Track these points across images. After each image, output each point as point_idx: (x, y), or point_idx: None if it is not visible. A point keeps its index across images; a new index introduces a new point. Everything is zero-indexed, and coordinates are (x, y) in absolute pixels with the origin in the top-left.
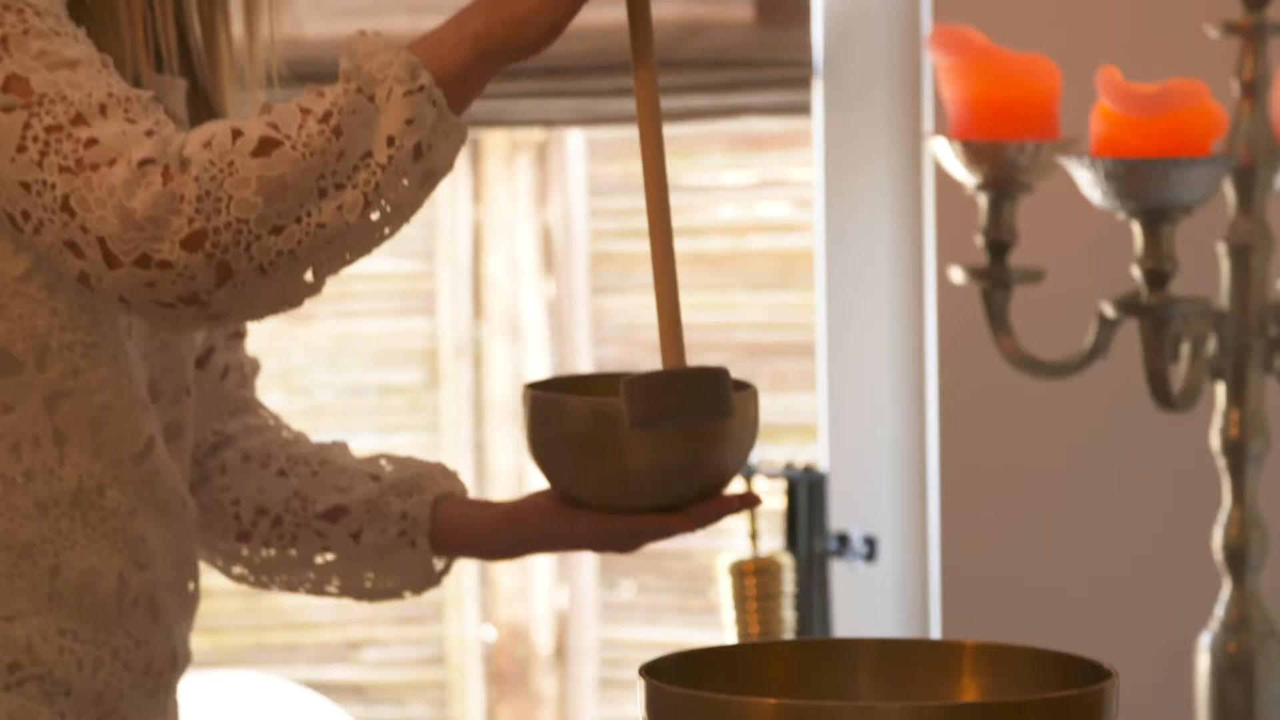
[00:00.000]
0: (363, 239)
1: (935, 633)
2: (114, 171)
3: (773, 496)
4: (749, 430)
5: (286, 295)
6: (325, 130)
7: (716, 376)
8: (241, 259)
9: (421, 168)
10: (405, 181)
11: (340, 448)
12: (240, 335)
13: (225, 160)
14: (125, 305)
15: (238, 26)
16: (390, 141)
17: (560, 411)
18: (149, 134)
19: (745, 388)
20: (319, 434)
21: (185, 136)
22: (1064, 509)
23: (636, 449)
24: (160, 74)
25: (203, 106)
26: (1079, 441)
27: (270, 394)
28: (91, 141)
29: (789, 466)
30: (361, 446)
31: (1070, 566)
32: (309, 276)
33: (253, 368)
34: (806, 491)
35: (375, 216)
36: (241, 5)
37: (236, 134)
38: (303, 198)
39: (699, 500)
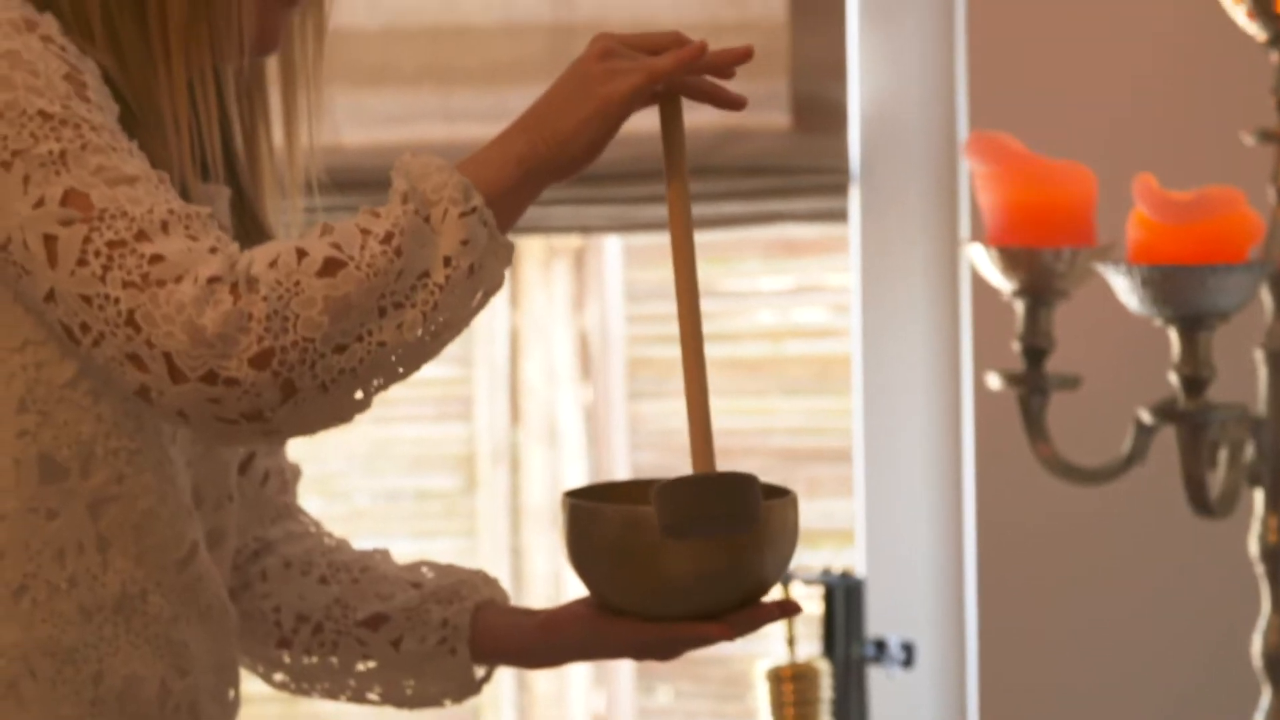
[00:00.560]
0: (417, 356)
1: None
2: (182, 288)
3: (810, 602)
4: (789, 537)
5: (342, 412)
6: (388, 251)
7: (746, 482)
8: (306, 377)
9: (474, 286)
10: (460, 299)
11: (382, 555)
12: None
13: (292, 280)
14: (183, 419)
15: (278, 134)
16: (447, 262)
17: (598, 520)
18: (213, 251)
19: (785, 494)
20: (356, 539)
21: (250, 255)
22: (1102, 615)
23: (675, 557)
24: (206, 183)
25: (245, 214)
26: (1117, 548)
27: (308, 499)
28: (157, 258)
29: (826, 572)
30: (398, 552)
31: (1109, 673)
32: (360, 395)
33: (294, 474)
34: (844, 597)
35: (431, 334)
36: (281, 113)
37: (301, 254)
38: (365, 317)
39: (738, 608)
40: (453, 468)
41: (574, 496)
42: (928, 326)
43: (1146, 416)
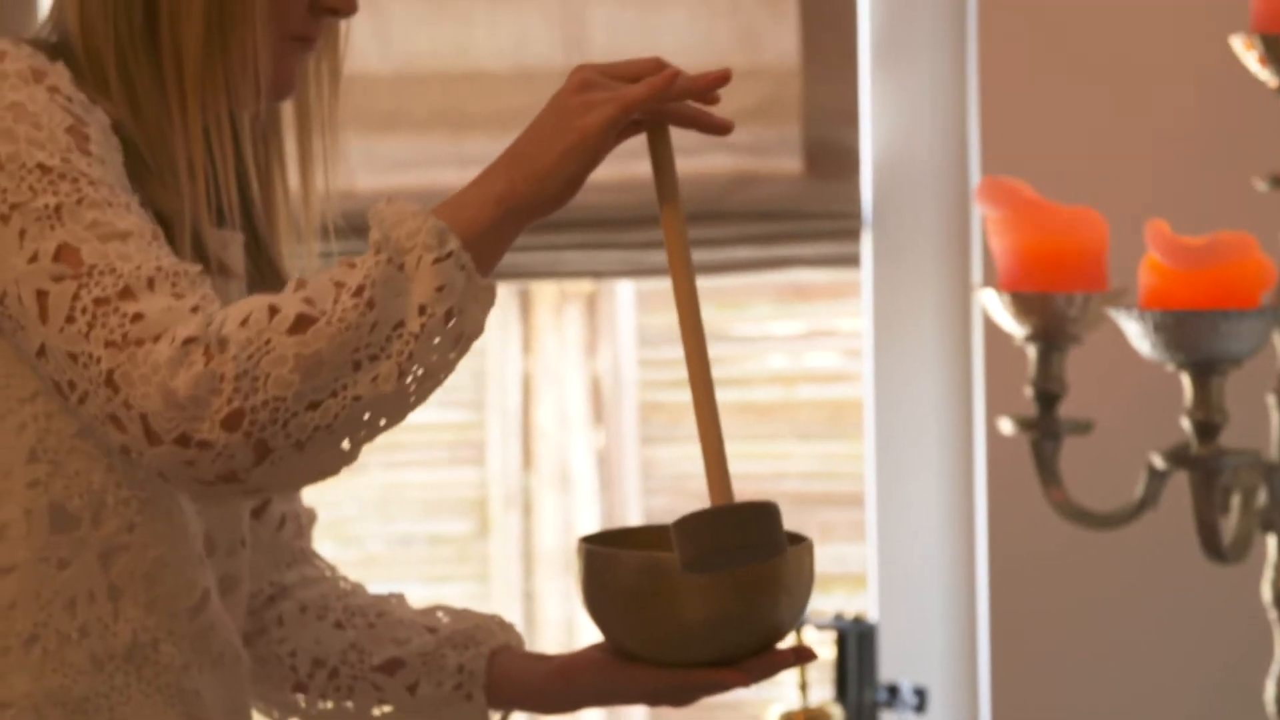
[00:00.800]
0: (397, 406)
1: None
2: (158, 349)
3: (823, 647)
4: (804, 584)
5: (323, 467)
6: (359, 304)
7: (767, 511)
8: (279, 436)
9: (453, 332)
10: (437, 348)
11: (398, 599)
12: None
13: (262, 339)
14: (164, 479)
15: (294, 178)
16: (422, 310)
17: (614, 565)
18: (194, 310)
19: (801, 541)
20: (369, 584)
21: (225, 314)
22: (1115, 660)
23: (691, 603)
24: (221, 228)
25: (262, 258)
26: (1129, 593)
27: (321, 544)
28: (138, 317)
29: (839, 617)
30: (411, 596)
31: (1121, 719)
32: (345, 446)
33: (309, 518)
34: (856, 642)
35: (409, 384)
36: (297, 158)
37: (273, 311)
38: (338, 372)
39: (754, 654)
40: (465, 512)
41: (590, 542)
42: (940, 371)
43: (1159, 461)
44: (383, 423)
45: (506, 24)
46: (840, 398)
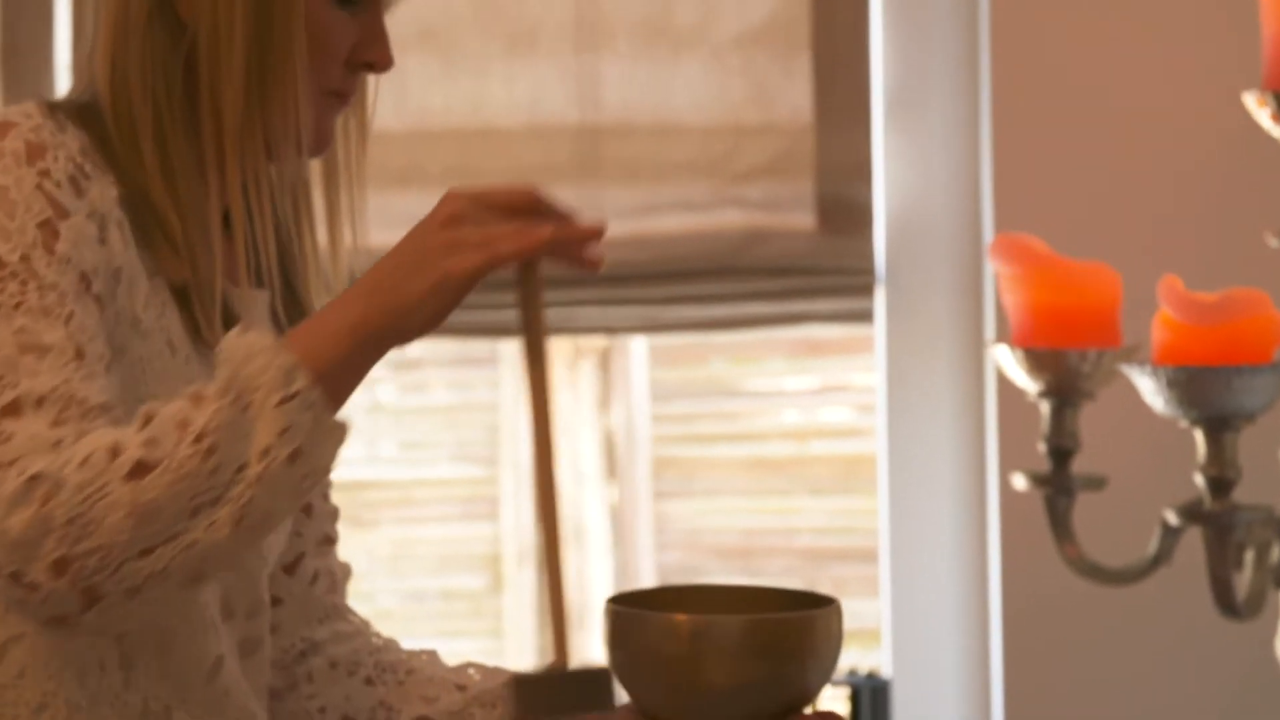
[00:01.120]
0: (234, 549)
1: None
2: (7, 479)
3: (837, 703)
4: (833, 647)
5: (160, 608)
6: (199, 451)
7: (601, 676)
8: (108, 584)
9: (298, 471)
10: (280, 490)
11: (430, 655)
12: (331, 541)
13: (99, 483)
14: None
15: (321, 234)
16: (265, 454)
17: (641, 627)
18: (56, 444)
19: (829, 603)
20: None
21: (72, 451)
22: (1128, 715)
23: (716, 667)
24: (257, 288)
25: (296, 315)
26: (1143, 648)
27: None
28: (7, 437)
29: (852, 673)
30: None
31: None
32: (181, 587)
33: (344, 573)
34: (870, 698)
35: (247, 526)
36: (324, 214)
37: (114, 454)
38: (175, 519)
39: (780, 718)
40: (479, 568)
41: (616, 603)
42: (953, 427)
43: (1172, 517)
44: (220, 564)
45: (521, 80)
46: (853, 453)
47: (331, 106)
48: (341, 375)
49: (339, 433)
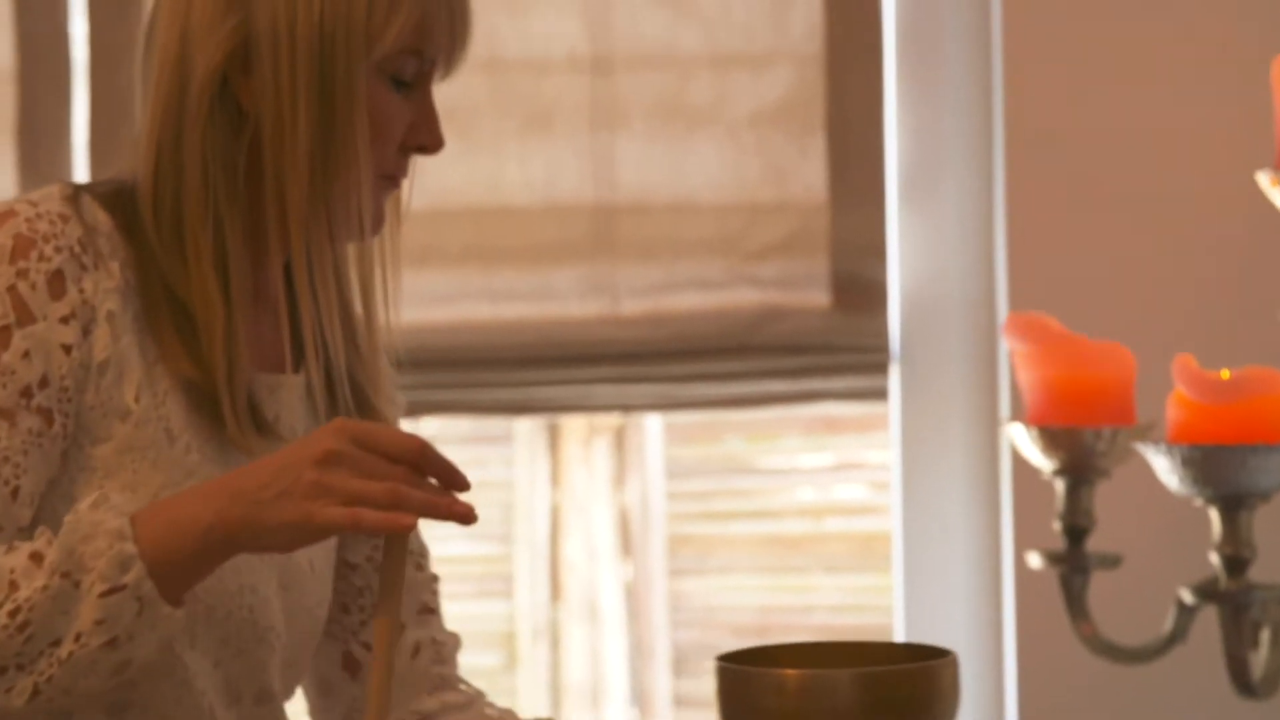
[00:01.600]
0: (29, 715)
1: None
2: None
3: None
4: (948, 700)
5: None
6: (14, 624)
7: None
8: None
9: (114, 658)
10: (89, 673)
11: None
12: (430, 610)
13: None
14: None
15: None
16: (78, 638)
17: (750, 684)
18: None
19: (944, 654)
20: None
21: None
22: None
23: None
24: (293, 373)
25: (332, 394)
26: None
27: None
28: None
29: None
30: None
31: None
32: None
33: (453, 644)
34: None
35: (46, 698)
36: (359, 292)
37: None
38: None
39: None
40: (493, 645)
41: (727, 661)
42: (968, 504)
43: (1188, 596)
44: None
45: (537, 159)
46: (869, 530)
47: (385, 188)
48: (184, 570)
49: (167, 624)
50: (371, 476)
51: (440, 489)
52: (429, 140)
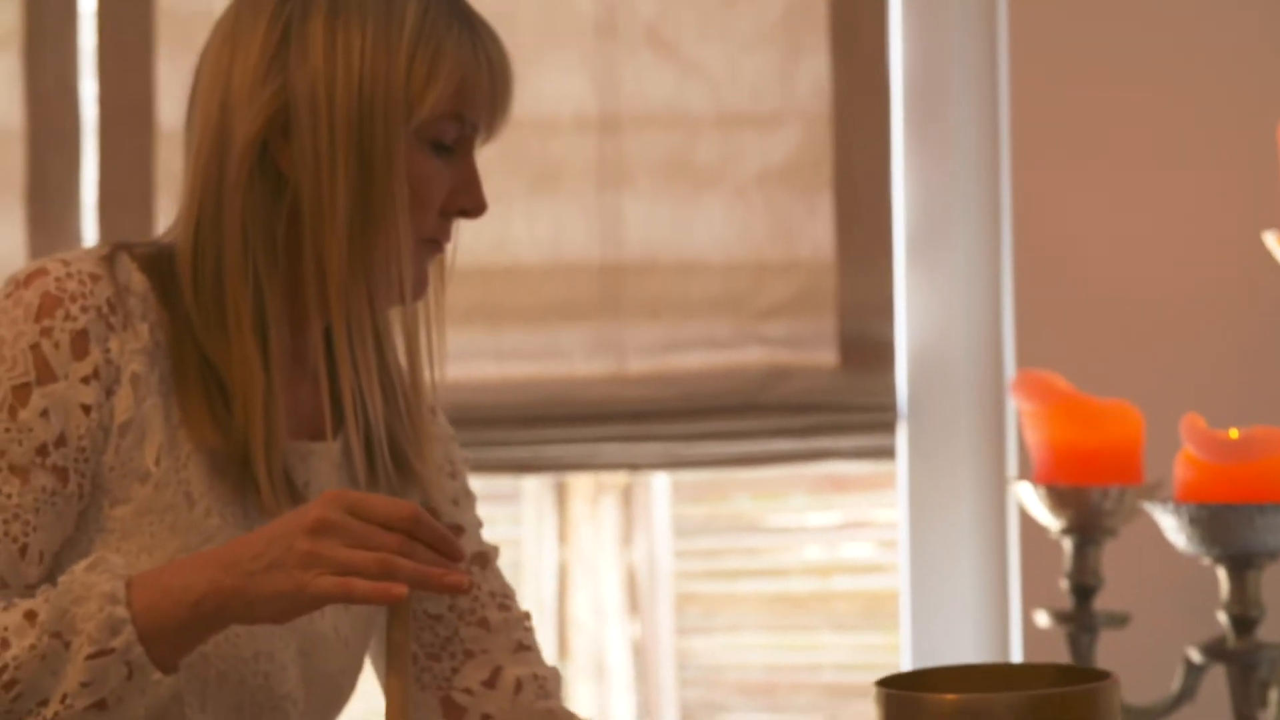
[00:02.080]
0: None
1: None
2: None
3: None
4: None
5: None
6: (3, 682)
7: None
8: None
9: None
10: None
11: None
12: (525, 647)
13: None
14: None
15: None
16: (64, 699)
17: (914, 708)
18: None
19: (1106, 676)
20: None
21: None
22: None
23: None
24: (333, 440)
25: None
26: None
27: None
28: None
29: None
30: None
31: None
32: None
33: (555, 677)
34: None
35: None
36: (405, 354)
37: None
38: None
39: None
40: None
41: (886, 686)
42: (976, 563)
43: (1196, 655)
44: None
45: (544, 218)
46: (876, 589)
47: (429, 253)
48: (176, 637)
49: (156, 690)
50: (364, 545)
51: (436, 557)
52: (471, 204)
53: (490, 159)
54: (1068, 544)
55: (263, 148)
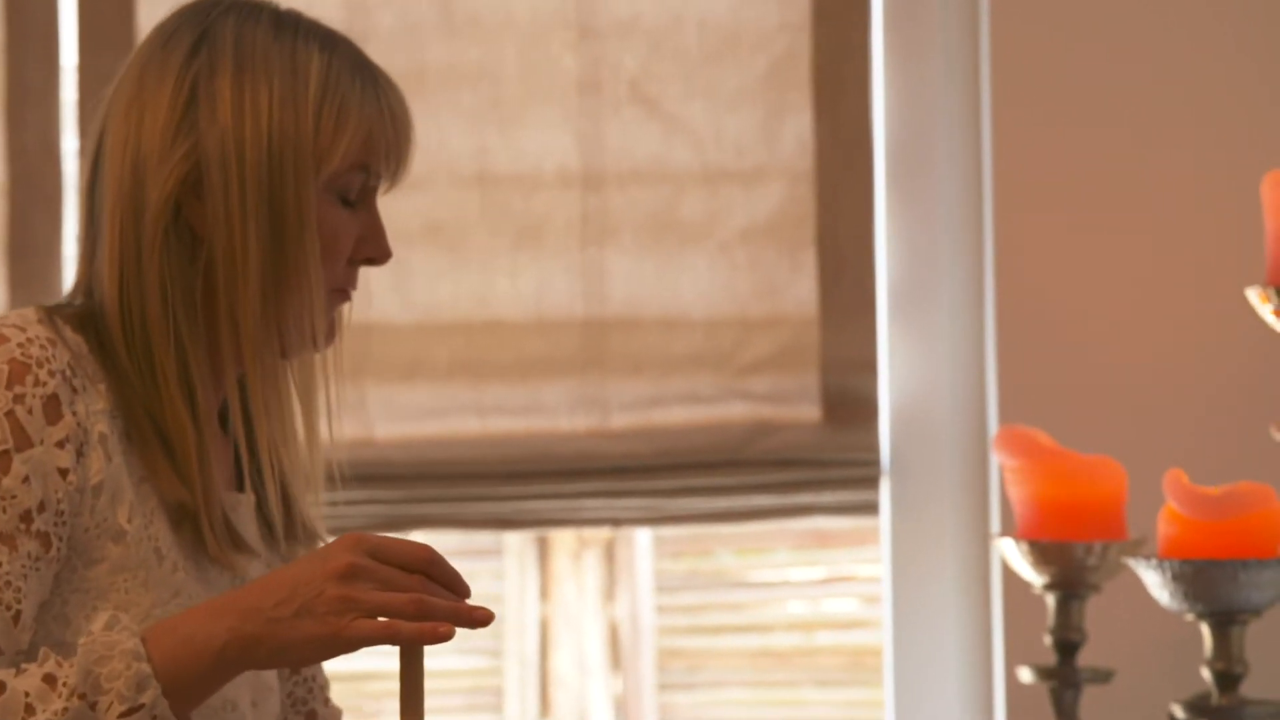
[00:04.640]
0: None
1: None
2: None
3: None
4: None
5: None
6: None
7: None
8: None
9: None
10: None
11: None
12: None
13: None
14: None
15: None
16: None
17: None
18: None
19: None
20: None
21: None
22: None
23: None
24: (240, 491)
25: (286, 513)
26: None
27: None
28: None
29: None
30: None
31: None
32: None
33: None
34: None
35: None
36: (300, 410)
37: None
38: None
39: None
40: None
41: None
42: (959, 619)
43: (1180, 712)
44: None
45: (527, 274)
46: (859, 644)
47: (336, 301)
48: (196, 687)
49: None
50: (391, 588)
51: (454, 596)
52: (377, 253)
53: (473, 215)
54: (1051, 600)
55: (176, 208)
